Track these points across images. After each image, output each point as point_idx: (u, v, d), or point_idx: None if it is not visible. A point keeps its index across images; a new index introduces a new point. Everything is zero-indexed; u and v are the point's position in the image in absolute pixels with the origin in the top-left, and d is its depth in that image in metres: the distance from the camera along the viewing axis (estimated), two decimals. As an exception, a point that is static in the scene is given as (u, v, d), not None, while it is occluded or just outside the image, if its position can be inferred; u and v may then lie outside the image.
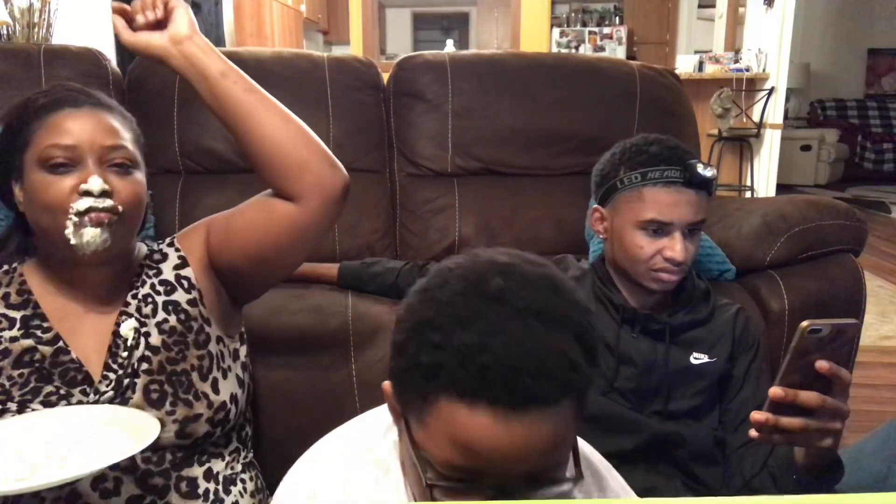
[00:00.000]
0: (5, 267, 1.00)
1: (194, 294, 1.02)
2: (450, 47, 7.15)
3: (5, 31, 2.39)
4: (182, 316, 1.00)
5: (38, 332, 0.93)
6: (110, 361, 0.94)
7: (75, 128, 0.91)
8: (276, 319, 1.33)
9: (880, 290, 3.75)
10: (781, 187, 5.53)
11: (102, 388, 0.92)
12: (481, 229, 1.68)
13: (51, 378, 0.91)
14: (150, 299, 0.99)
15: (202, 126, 1.64)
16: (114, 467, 0.87)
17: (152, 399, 0.93)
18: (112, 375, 0.93)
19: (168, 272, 1.03)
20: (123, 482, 0.89)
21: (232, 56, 1.78)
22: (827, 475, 0.87)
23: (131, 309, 0.98)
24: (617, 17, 8.74)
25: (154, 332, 0.97)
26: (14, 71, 1.54)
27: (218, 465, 0.98)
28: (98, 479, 0.88)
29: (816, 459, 0.85)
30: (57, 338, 0.94)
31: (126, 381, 0.93)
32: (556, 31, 8.18)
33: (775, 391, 0.74)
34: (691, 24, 7.91)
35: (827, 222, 1.48)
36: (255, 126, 0.97)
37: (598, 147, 1.73)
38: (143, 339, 0.96)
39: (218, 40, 4.53)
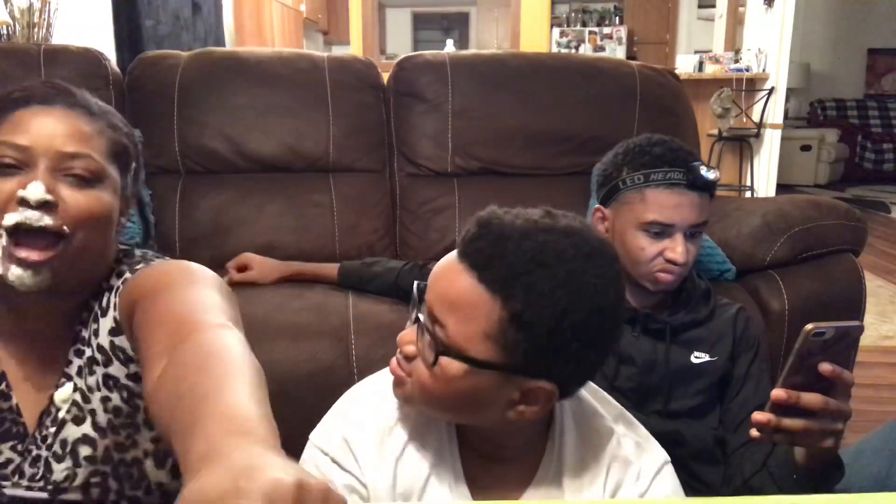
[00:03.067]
0: None
1: (134, 368, 0.79)
2: (450, 47, 7.15)
3: (5, 31, 2.39)
4: (125, 394, 0.79)
5: None
6: (37, 433, 0.78)
7: (34, 127, 0.76)
8: (276, 318, 1.33)
9: (880, 290, 3.75)
10: (781, 187, 5.53)
11: (25, 467, 0.78)
12: (481, 229, 1.68)
13: None
14: (93, 366, 0.79)
15: (202, 126, 1.65)
16: None
17: (92, 496, 0.78)
18: (37, 451, 0.78)
19: (103, 335, 0.79)
20: None
21: (232, 56, 1.79)
22: (827, 475, 0.87)
23: (72, 370, 0.79)
24: (617, 17, 8.73)
25: (99, 409, 0.79)
26: (14, 71, 1.54)
27: None
28: None
29: (817, 459, 0.85)
30: (1, 377, 0.79)
31: (60, 466, 0.78)
32: (556, 31, 8.17)
33: (778, 393, 0.74)
34: (691, 24, 7.91)
35: (827, 222, 1.48)
36: None
37: (598, 147, 1.74)
38: (88, 416, 0.79)
39: (218, 41, 4.53)
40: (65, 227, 0.73)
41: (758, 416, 0.76)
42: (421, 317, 0.72)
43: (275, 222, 1.64)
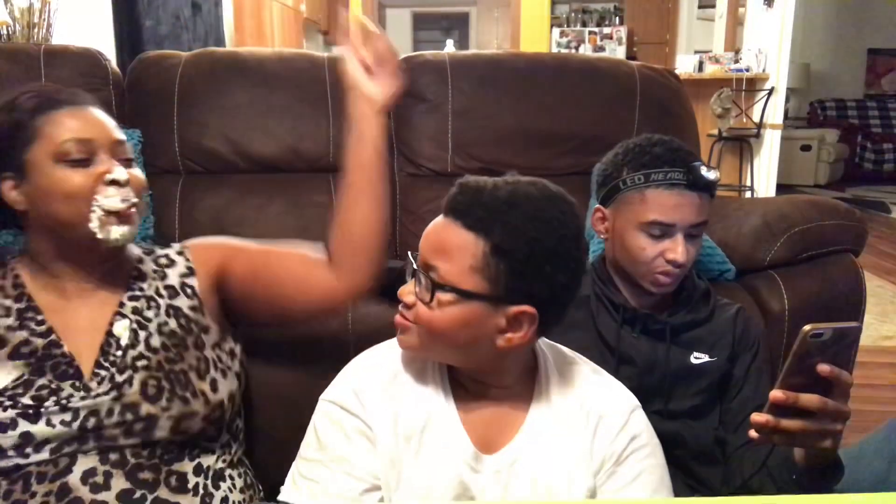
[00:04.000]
0: None
1: (195, 302, 1.06)
2: (450, 47, 7.15)
3: (5, 31, 2.39)
4: (182, 320, 1.03)
5: (32, 325, 0.95)
6: (101, 359, 0.95)
7: (84, 124, 0.95)
8: (276, 319, 1.33)
9: (880, 290, 3.75)
10: (781, 187, 5.53)
11: (93, 385, 0.93)
12: (481, 229, 1.68)
13: (42, 371, 0.92)
14: (153, 302, 1.02)
15: (202, 126, 1.64)
16: (104, 461, 0.90)
17: (149, 394, 0.94)
18: (104, 373, 0.95)
19: (174, 278, 1.07)
20: (113, 476, 0.90)
21: (232, 56, 1.78)
22: (827, 475, 0.87)
23: (126, 310, 1.00)
24: (617, 17, 8.74)
25: (155, 333, 0.99)
26: (14, 71, 1.54)
27: (208, 460, 0.99)
28: (88, 472, 0.89)
29: (816, 460, 0.85)
30: (50, 331, 0.95)
31: (121, 376, 0.94)
32: (556, 31, 8.17)
33: (776, 394, 0.75)
34: (691, 24, 7.91)
35: (827, 222, 1.48)
36: (363, 198, 1.05)
37: (598, 147, 1.73)
38: (142, 340, 0.98)
39: (218, 41, 4.53)
40: (135, 200, 0.96)
41: (756, 417, 0.76)
42: (415, 266, 0.86)
43: (275, 222, 1.64)
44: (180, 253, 1.10)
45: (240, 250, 1.11)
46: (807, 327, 0.72)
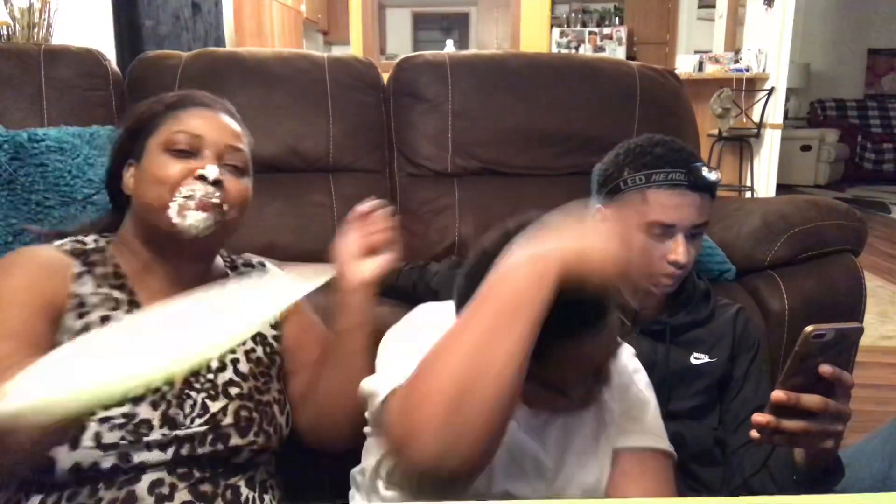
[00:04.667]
0: (92, 244, 0.97)
1: (278, 332, 1.05)
2: (450, 47, 7.14)
3: (5, 32, 2.39)
4: (268, 349, 1.02)
5: None
6: (192, 380, 0.92)
7: (203, 122, 0.96)
8: (276, 319, 1.33)
9: (880, 290, 3.75)
10: (781, 187, 5.53)
11: (184, 410, 0.90)
12: (481, 229, 1.67)
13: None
14: None
15: (202, 126, 1.65)
16: (171, 472, 0.88)
17: (241, 425, 0.92)
18: (195, 396, 0.92)
19: None
20: (178, 488, 0.88)
21: (232, 56, 1.78)
22: (827, 476, 0.87)
23: None
24: (617, 18, 8.74)
25: (242, 359, 0.98)
26: (14, 71, 1.54)
27: (258, 473, 0.99)
28: (156, 483, 0.87)
29: (817, 460, 0.85)
30: None
31: (214, 403, 0.92)
32: (556, 31, 8.18)
33: (778, 394, 0.74)
34: (691, 24, 7.91)
35: (827, 222, 1.48)
36: (331, 375, 1.00)
37: (598, 147, 1.73)
38: (230, 364, 0.96)
39: (218, 41, 4.53)
40: (225, 205, 0.93)
41: (758, 417, 0.76)
42: None
43: (275, 222, 1.64)
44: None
45: (307, 328, 1.09)
46: (808, 328, 0.71)
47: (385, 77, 1.79)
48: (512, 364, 0.64)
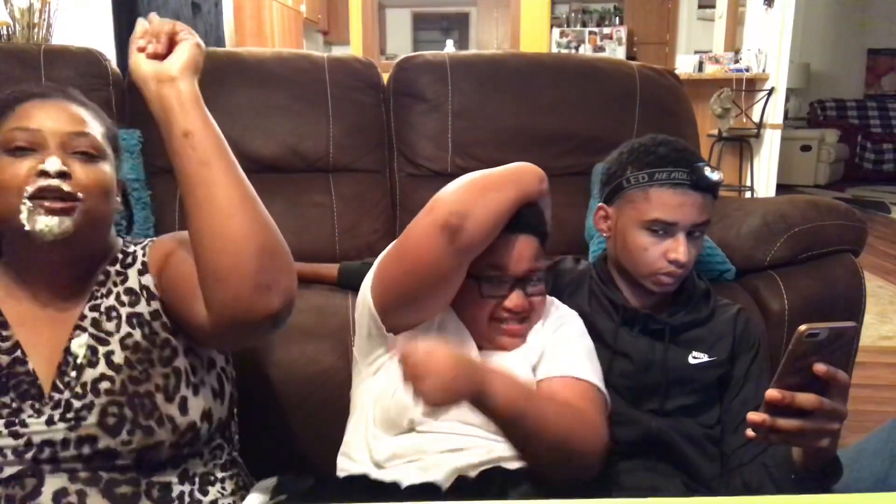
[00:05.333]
0: None
1: (155, 305, 0.94)
2: (449, 47, 7.15)
3: (5, 32, 2.39)
4: (146, 329, 0.93)
5: None
6: (58, 381, 0.88)
7: (40, 114, 0.89)
8: (276, 319, 1.33)
9: (880, 290, 3.75)
10: (781, 187, 5.53)
11: (46, 410, 0.86)
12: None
13: (6, 389, 0.87)
14: (113, 312, 0.93)
15: (202, 126, 1.64)
16: (74, 479, 0.85)
17: (108, 424, 0.86)
18: (59, 396, 0.87)
19: (133, 279, 0.96)
20: (88, 495, 0.85)
21: (232, 56, 1.78)
22: (826, 475, 0.87)
23: (86, 323, 0.92)
24: (617, 18, 8.74)
25: (117, 348, 0.91)
26: (14, 71, 1.54)
27: (196, 466, 0.94)
28: (59, 493, 0.84)
29: (815, 459, 0.85)
30: (15, 346, 0.89)
31: (79, 402, 0.87)
32: (556, 31, 8.18)
33: (772, 393, 0.75)
34: (691, 24, 7.92)
35: (827, 222, 1.48)
36: (194, 205, 0.82)
37: (598, 147, 1.73)
38: (102, 358, 0.90)
39: (218, 41, 4.54)
40: (79, 194, 0.86)
41: (753, 416, 0.76)
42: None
43: (275, 222, 1.64)
44: (144, 247, 0.99)
45: (175, 248, 0.95)
46: (802, 327, 0.72)
47: (385, 77, 1.79)
48: None
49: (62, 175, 0.85)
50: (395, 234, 1.72)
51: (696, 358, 1.13)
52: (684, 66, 5.38)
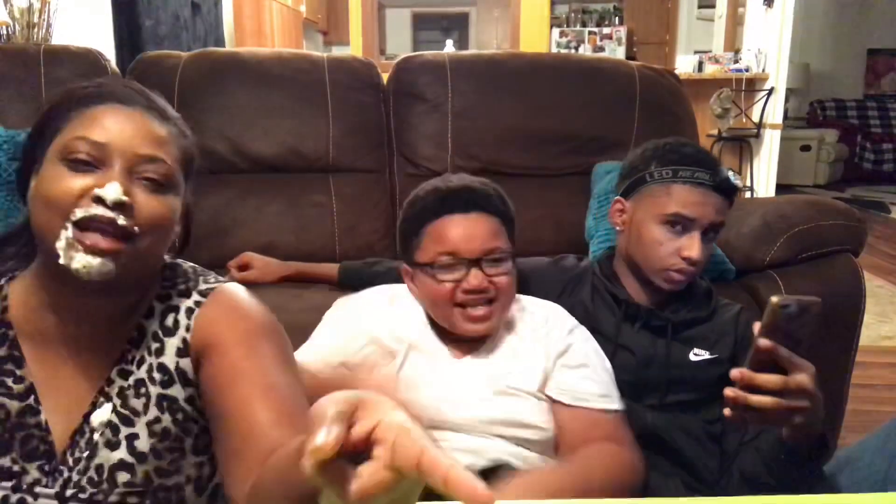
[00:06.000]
0: None
1: (191, 391, 0.77)
2: (449, 47, 7.15)
3: (5, 32, 2.39)
4: (179, 416, 0.77)
5: (9, 381, 0.74)
6: (69, 455, 0.74)
7: (113, 125, 0.73)
8: (277, 319, 1.33)
9: (880, 290, 3.75)
10: (781, 187, 5.53)
11: (58, 478, 0.73)
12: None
13: (9, 446, 0.73)
14: (142, 389, 0.76)
15: (202, 126, 1.64)
16: None
17: None
18: (73, 476, 0.74)
19: (169, 355, 0.77)
20: None
21: (232, 56, 1.79)
22: (813, 454, 0.89)
23: (112, 390, 0.76)
24: (617, 18, 8.73)
25: (143, 433, 0.75)
26: (14, 71, 1.54)
27: None
28: None
29: (801, 438, 0.87)
30: (30, 391, 0.75)
31: (93, 488, 0.73)
32: (556, 31, 8.17)
33: (734, 373, 0.77)
34: (691, 24, 7.91)
35: (827, 222, 1.48)
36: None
37: (598, 147, 1.74)
38: (123, 441, 0.75)
39: (218, 41, 4.53)
40: (136, 228, 0.71)
41: (728, 391, 0.78)
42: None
43: (275, 222, 1.64)
44: (190, 312, 0.79)
45: (233, 349, 0.75)
46: (775, 298, 0.73)
47: (385, 77, 1.79)
48: None
49: (120, 206, 0.70)
50: (395, 234, 1.73)
51: (698, 355, 1.15)
52: (684, 66, 5.38)
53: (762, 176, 5.15)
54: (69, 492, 0.73)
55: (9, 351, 0.75)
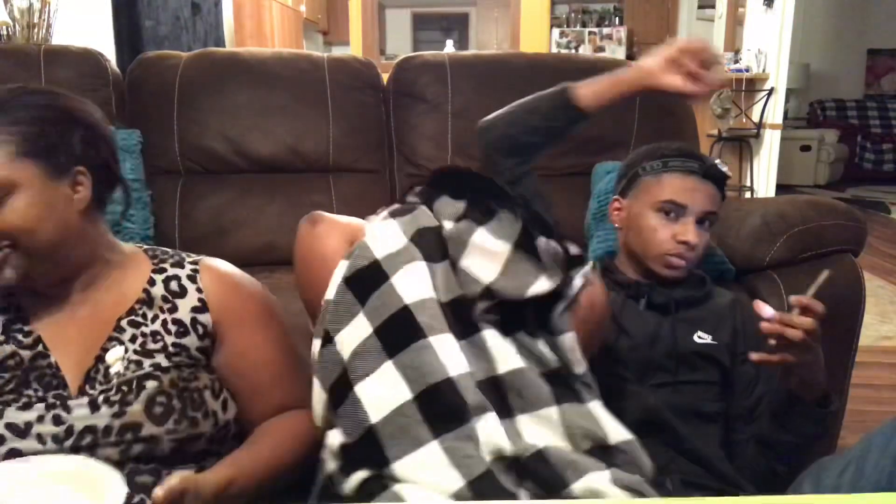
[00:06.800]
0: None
1: (207, 343, 0.95)
2: (449, 48, 7.14)
3: (5, 32, 2.39)
4: (188, 359, 0.94)
5: (20, 336, 0.88)
6: (87, 387, 0.87)
7: None
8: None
9: (880, 290, 3.75)
10: (781, 187, 5.52)
11: (73, 405, 0.85)
12: (481, 229, 1.68)
13: (29, 383, 0.87)
14: (158, 337, 0.92)
15: (202, 126, 1.65)
16: None
17: (155, 413, 0.86)
18: (93, 394, 0.87)
19: (184, 311, 0.94)
20: None
21: (232, 56, 1.79)
22: (821, 404, 1.06)
23: (126, 336, 0.91)
24: (617, 18, 8.73)
25: (163, 360, 0.91)
26: (14, 71, 1.54)
27: (212, 464, 0.93)
28: None
29: (806, 389, 1.04)
30: (37, 341, 0.89)
31: (116, 395, 0.86)
32: (556, 31, 8.17)
33: (793, 299, 1.01)
34: (691, 25, 7.91)
35: (827, 222, 1.48)
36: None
37: (598, 147, 1.73)
38: (146, 365, 0.89)
39: (218, 41, 4.53)
40: (3, 241, 0.81)
41: (765, 324, 0.97)
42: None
43: (275, 222, 1.64)
44: (192, 278, 0.97)
45: (251, 325, 0.99)
46: (827, 270, 1.02)
47: (385, 77, 1.79)
48: None
49: None
50: (395, 235, 1.73)
51: (702, 338, 1.18)
52: (684, 66, 5.38)
53: (762, 176, 5.15)
54: (101, 398, 0.85)
55: (15, 314, 0.89)
